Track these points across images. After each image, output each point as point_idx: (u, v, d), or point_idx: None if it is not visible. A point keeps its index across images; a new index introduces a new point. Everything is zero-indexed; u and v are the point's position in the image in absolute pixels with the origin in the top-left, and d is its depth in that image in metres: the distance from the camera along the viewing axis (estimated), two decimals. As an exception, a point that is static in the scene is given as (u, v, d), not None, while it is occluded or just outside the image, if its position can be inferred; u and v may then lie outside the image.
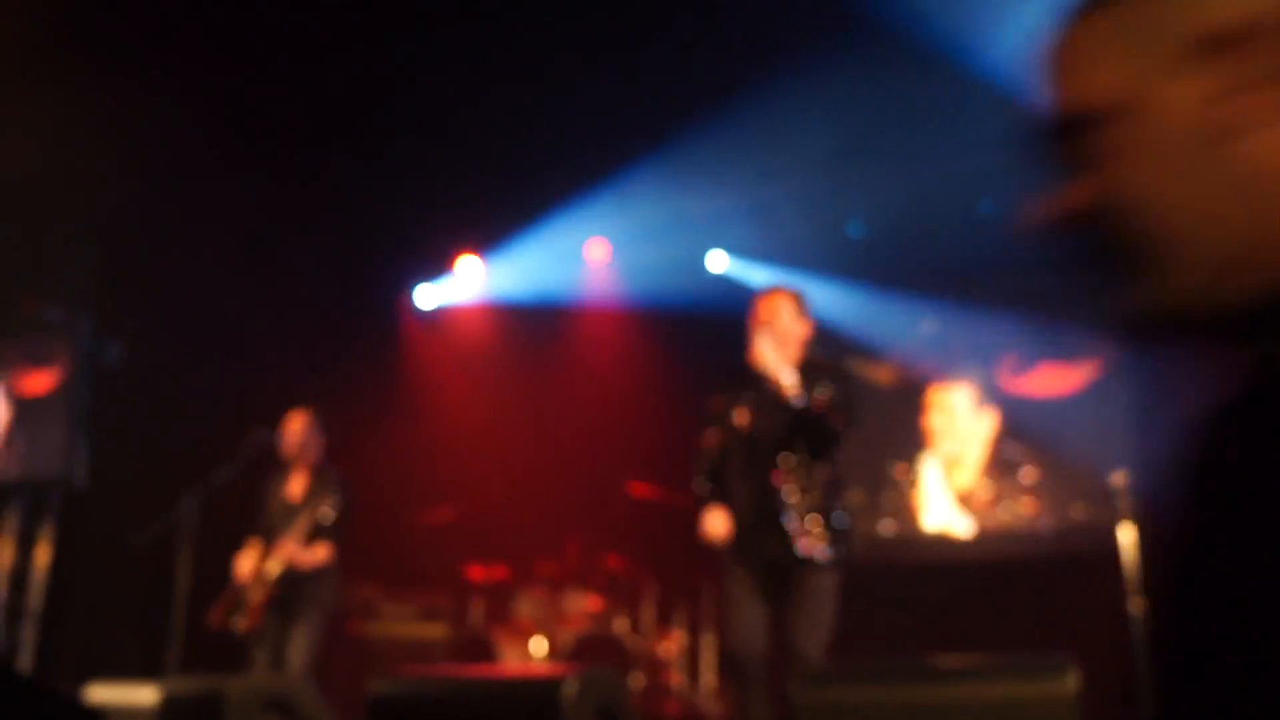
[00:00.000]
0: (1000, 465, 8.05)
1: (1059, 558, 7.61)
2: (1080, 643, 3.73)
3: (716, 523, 4.51)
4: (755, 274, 8.79)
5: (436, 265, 9.23)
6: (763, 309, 4.63)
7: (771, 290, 4.77)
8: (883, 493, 8.31)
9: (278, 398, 6.43)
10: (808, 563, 4.36)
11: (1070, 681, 2.85)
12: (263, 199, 7.59)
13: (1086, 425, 7.81)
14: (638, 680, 7.42)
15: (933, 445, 8.29)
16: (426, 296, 9.35)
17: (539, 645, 7.75)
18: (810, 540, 4.36)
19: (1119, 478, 4.63)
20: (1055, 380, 8.13)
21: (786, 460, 4.45)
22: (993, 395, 8.17)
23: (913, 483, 8.27)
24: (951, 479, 8.20)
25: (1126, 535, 4.49)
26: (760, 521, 4.44)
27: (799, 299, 4.72)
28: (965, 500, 8.11)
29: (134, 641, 7.43)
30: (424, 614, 8.06)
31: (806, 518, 4.38)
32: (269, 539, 6.08)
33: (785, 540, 4.37)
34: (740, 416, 4.54)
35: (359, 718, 4.30)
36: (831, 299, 8.29)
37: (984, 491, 8.06)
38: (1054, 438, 7.99)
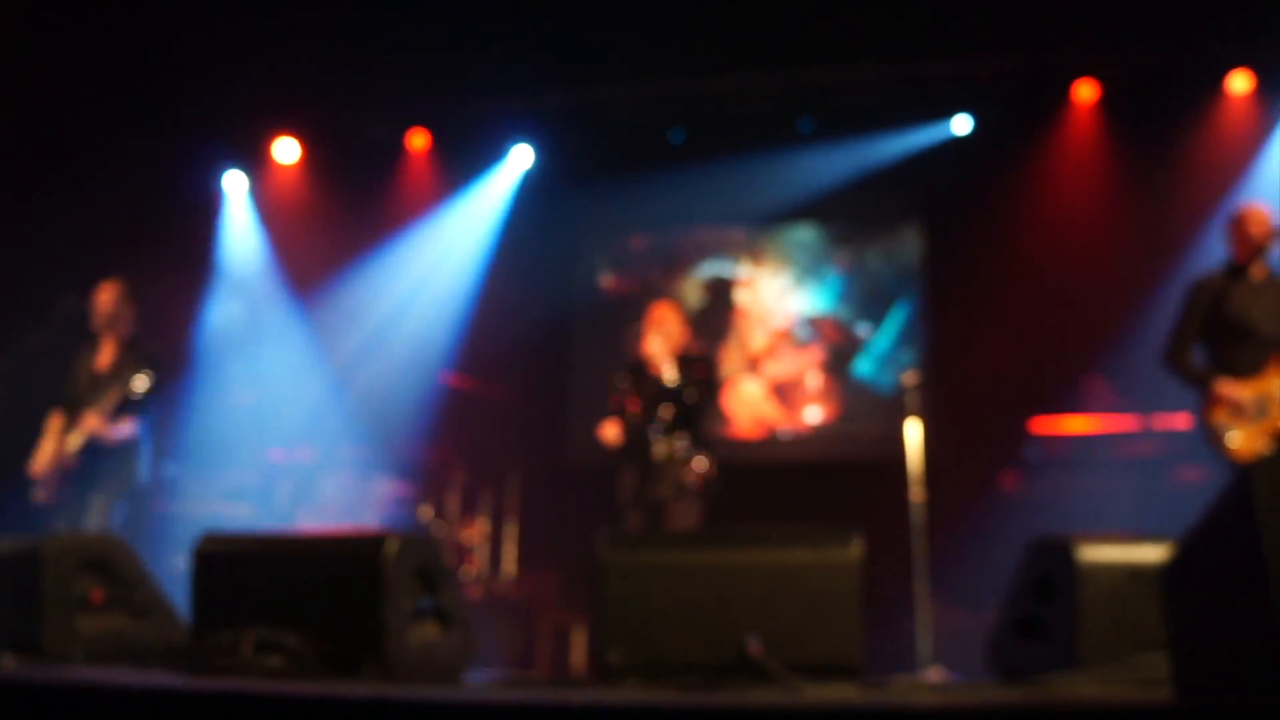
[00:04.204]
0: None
1: (852, 452, 8.11)
2: (870, 526, 4.05)
3: (610, 431, 5.97)
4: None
5: (255, 145, 9.07)
6: (656, 314, 6.13)
7: (664, 300, 6.49)
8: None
9: (90, 267, 6.31)
10: (679, 496, 5.77)
11: (854, 549, 3.16)
12: (83, 64, 7.39)
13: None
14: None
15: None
16: (238, 178, 9.19)
17: (343, 528, 7.86)
18: (679, 477, 5.79)
19: (909, 376, 4.97)
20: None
21: (661, 426, 5.88)
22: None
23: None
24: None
25: (912, 431, 4.84)
26: (644, 472, 5.86)
27: (681, 310, 6.35)
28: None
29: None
30: (229, 493, 8.07)
31: (672, 463, 5.81)
32: (74, 410, 6.00)
33: (661, 482, 5.79)
34: (632, 402, 6.03)
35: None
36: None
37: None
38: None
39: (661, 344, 6.04)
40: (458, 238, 9.05)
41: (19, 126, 7.37)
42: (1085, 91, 7.93)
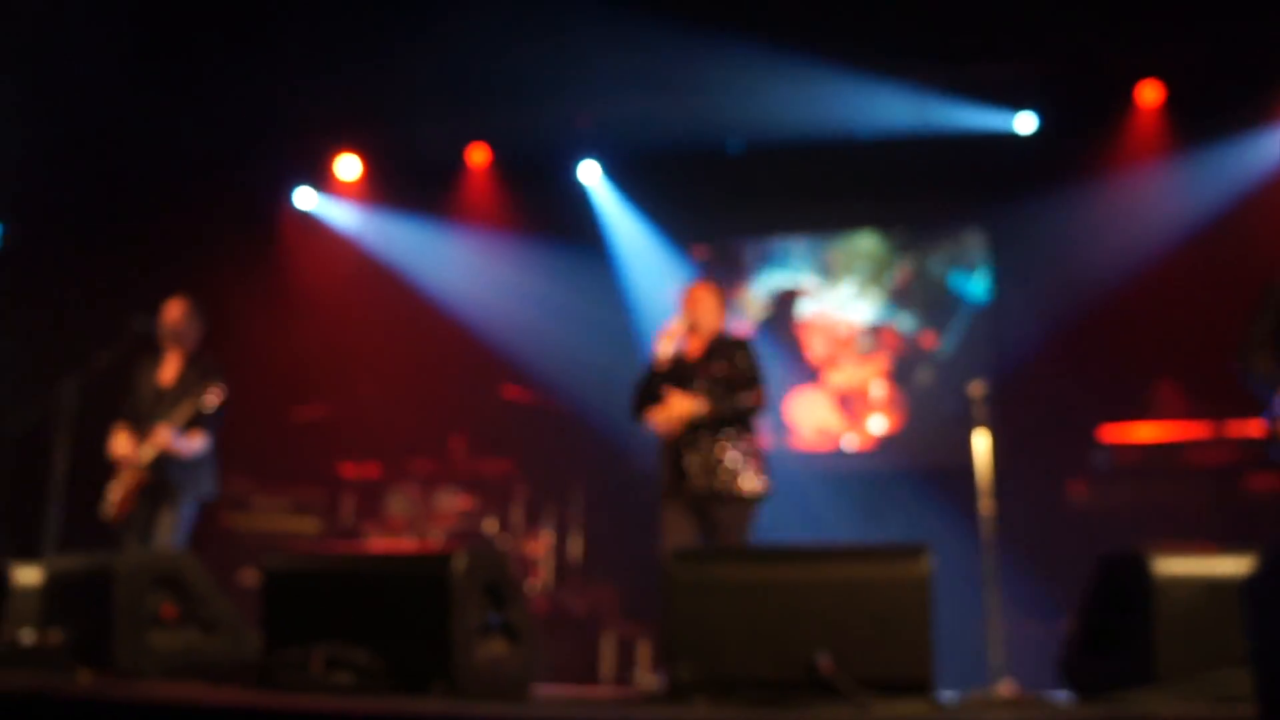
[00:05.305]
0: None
1: (919, 463, 8.07)
2: (939, 537, 4.04)
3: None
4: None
5: (317, 163, 9.19)
6: (691, 295, 5.55)
7: (701, 282, 5.76)
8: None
9: (158, 287, 6.41)
10: (722, 496, 5.16)
11: (925, 564, 3.12)
12: (149, 90, 7.52)
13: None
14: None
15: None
16: (306, 196, 9.32)
17: (409, 542, 7.91)
18: (720, 477, 5.17)
19: (976, 387, 4.92)
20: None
21: (701, 421, 5.24)
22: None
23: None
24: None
25: (980, 442, 4.79)
26: (682, 466, 5.24)
27: (720, 294, 5.67)
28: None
29: (5, 528, 7.39)
30: (296, 508, 8.15)
31: (709, 459, 5.18)
32: (138, 424, 6.05)
33: (697, 479, 5.18)
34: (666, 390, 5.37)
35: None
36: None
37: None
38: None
39: (694, 328, 5.46)
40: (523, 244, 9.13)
41: (87, 154, 7.51)
42: (1149, 94, 7.84)
